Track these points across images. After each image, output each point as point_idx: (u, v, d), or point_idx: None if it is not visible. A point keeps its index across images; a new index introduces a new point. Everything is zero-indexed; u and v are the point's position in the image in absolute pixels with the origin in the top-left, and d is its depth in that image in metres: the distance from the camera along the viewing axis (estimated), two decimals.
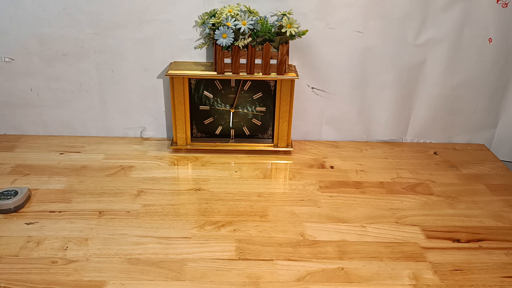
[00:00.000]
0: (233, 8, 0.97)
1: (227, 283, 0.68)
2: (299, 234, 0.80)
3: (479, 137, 1.19)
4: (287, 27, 0.95)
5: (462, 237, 0.81)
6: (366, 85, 1.10)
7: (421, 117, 1.15)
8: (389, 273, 0.71)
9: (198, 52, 1.06)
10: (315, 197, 0.91)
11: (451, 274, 0.72)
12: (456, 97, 1.13)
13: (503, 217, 0.87)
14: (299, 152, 1.10)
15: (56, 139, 1.11)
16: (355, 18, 1.03)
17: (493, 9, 1.03)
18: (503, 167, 1.07)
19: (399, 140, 1.18)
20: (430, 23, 1.04)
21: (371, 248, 0.77)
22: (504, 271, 0.73)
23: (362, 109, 1.13)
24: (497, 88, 1.13)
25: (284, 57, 0.99)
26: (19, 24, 1.01)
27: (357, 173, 1.01)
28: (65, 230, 0.79)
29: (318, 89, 1.11)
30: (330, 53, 1.06)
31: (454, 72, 1.09)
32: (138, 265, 0.71)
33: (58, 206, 0.85)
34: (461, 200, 0.92)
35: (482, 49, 1.07)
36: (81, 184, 0.93)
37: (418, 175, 1.01)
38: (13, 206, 0.82)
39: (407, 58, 1.07)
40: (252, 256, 0.74)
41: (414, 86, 1.12)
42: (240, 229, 0.80)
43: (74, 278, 0.68)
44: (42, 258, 0.72)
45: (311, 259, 0.74)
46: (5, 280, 0.67)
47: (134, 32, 1.03)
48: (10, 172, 0.96)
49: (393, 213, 0.87)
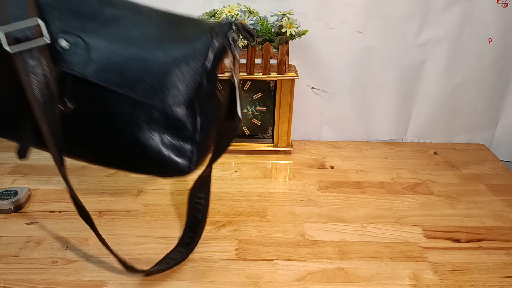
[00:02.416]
0: (233, 8, 0.97)
1: (227, 283, 0.68)
2: (299, 234, 0.80)
3: (479, 137, 1.19)
4: (287, 27, 0.95)
5: (462, 237, 0.81)
6: (366, 85, 1.10)
7: (421, 117, 1.15)
8: (389, 273, 0.71)
9: None
10: (315, 197, 0.91)
11: (451, 274, 0.72)
12: (456, 97, 1.13)
13: (503, 217, 0.87)
14: (299, 152, 1.10)
15: None
16: (355, 18, 1.03)
17: (493, 9, 1.03)
18: (503, 167, 1.07)
19: (399, 140, 1.18)
20: (430, 23, 1.04)
21: (371, 248, 0.77)
22: (504, 271, 0.73)
23: (362, 109, 1.13)
24: (497, 88, 1.13)
25: (284, 57, 0.99)
26: None
27: (357, 173, 1.01)
28: (65, 230, 0.79)
29: (318, 89, 1.11)
30: (330, 53, 1.06)
31: (454, 72, 1.09)
32: (138, 265, 0.71)
33: (58, 206, 0.85)
34: (461, 200, 0.92)
35: (482, 49, 1.07)
36: (81, 184, 0.93)
37: (418, 175, 1.01)
38: (13, 206, 0.82)
39: (407, 58, 1.07)
40: (252, 256, 0.74)
41: (414, 86, 1.12)
42: (240, 229, 0.80)
43: (74, 278, 0.68)
44: (42, 258, 0.72)
45: (311, 259, 0.74)
46: (5, 280, 0.67)
47: None
48: (10, 172, 0.96)
49: (393, 213, 0.87)
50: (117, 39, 0.53)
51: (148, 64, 0.53)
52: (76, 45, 0.52)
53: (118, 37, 0.53)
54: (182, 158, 0.56)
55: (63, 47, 0.52)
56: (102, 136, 0.55)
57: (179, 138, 0.56)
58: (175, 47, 0.54)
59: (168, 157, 0.55)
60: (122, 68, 0.52)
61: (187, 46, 0.54)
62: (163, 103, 0.53)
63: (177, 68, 0.54)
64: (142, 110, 0.53)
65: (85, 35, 0.52)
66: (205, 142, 0.58)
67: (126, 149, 0.55)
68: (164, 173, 0.58)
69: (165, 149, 0.55)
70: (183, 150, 0.56)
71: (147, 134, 0.54)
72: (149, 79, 0.53)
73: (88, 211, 0.84)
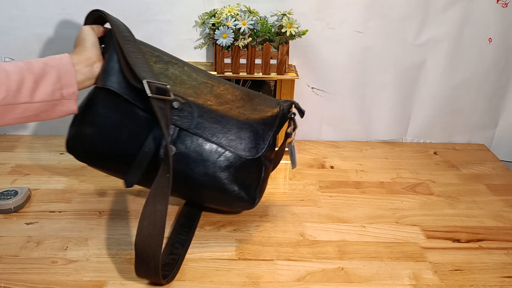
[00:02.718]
0: (233, 8, 0.97)
1: (227, 283, 0.68)
2: (299, 234, 0.80)
3: (479, 137, 1.19)
4: (287, 27, 0.95)
5: (462, 237, 0.81)
6: (366, 85, 1.10)
7: (421, 117, 1.15)
8: (389, 273, 0.71)
9: (198, 52, 1.06)
10: (315, 197, 0.91)
11: (451, 274, 0.72)
12: (456, 97, 1.13)
13: (503, 217, 0.87)
14: (299, 152, 1.10)
15: (56, 139, 1.11)
16: (355, 18, 1.03)
17: (493, 9, 1.03)
18: (503, 167, 1.07)
19: (399, 140, 1.18)
20: (430, 23, 1.04)
21: (371, 248, 0.77)
22: (504, 271, 0.73)
23: (362, 109, 1.13)
24: (497, 88, 1.13)
25: (284, 57, 0.99)
26: (19, 24, 1.01)
27: (357, 173, 1.01)
28: (65, 230, 0.79)
29: (318, 89, 1.11)
30: (330, 53, 1.06)
31: (454, 72, 1.09)
32: None
33: (58, 206, 0.85)
34: (461, 200, 0.92)
35: (482, 49, 1.07)
36: (81, 184, 0.93)
37: (418, 175, 1.01)
38: (13, 206, 0.82)
39: (407, 58, 1.07)
40: (252, 256, 0.74)
41: (414, 86, 1.12)
42: (240, 229, 0.80)
43: (74, 278, 0.68)
44: (42, 258, 0.72)
45: (311, 259, 0.74)
46: (5, 280, 0.67)
47: (134, 32, 1.03)
48: (10, 172, 0.96)
49: (393, 213, 0.87)
50: (211, 102, 0.72)
51: (232, 122, 0.71)
52: (184, 106, 0.70)
53: (211, 101, 0.72)
54: (250, 196, 0.73)
55: (174, 106, 0.69)
56: (193, 176, 0.70)
57: (250, 181, 0.73)
58: (254, 112, 0.74)
59: (238, 192, 0.72)
60: (215, 123, 0.70)
61: (263, 113, 0.74)
62: (245, 154, 0.71)
63: (256, 128, 0.72)
64: (225, 156, 0.70)
65: (190, 98, 0.71)
66: (265, 183, 0.78)
67: (208, 185, 0.71)
68: (232, 205, 0.76)
69: (238, 188, 0.72)
70: (251, 190, 0.74)
71: (227, 175, 0.71)
72: (235, 133, 0.71)
73: (88, 211, 0.84)
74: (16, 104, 0.62)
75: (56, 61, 0.67)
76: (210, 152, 0.70)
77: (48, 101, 0.66)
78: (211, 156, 0.70)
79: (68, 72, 0.67)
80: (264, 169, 0.75)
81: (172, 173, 0.64)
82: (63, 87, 0.66)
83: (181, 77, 0.73)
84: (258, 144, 0.72)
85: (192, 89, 0.72)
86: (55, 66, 0.66)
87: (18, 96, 0.62)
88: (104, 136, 0.70)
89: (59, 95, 0.66)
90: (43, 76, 0.65)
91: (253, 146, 0.72)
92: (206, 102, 0.72)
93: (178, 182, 0.67)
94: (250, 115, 0.73)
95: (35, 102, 0.64)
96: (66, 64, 0.67)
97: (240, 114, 0.73)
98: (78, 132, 0.72)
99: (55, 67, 0.66)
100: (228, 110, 0.73)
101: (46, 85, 0.65)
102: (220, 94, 0.74)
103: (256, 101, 0.77)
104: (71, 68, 0.67)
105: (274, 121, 0.75)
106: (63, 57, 0.68)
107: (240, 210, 0.83)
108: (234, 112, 0.73)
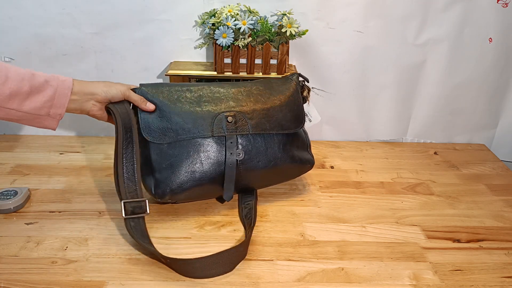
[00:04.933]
0: (233, 8, 0.97)
1: (227, 283, 0.68)
2: (299, 234, 0.80)
3: (479, 137, 1.19)
4: (287, 27, 0.95)
5: (463, 237, 0.81)
6: (366, 85, 1.10)
7: (422, 117, 1.15)
8: (389, 273, 0.71)
9: (198, 52, 1.06)
10: (315, 197, 0.91)
11: (451, 274, 0.72)
12: (457, 97, 1.13)
13: (504, 217, 0.87)
14: None
15: (56, 139, 1.11)
16: (355, 18, 1.03)
17: (493, 9, 1.03)
18: (504, 167, 1.07)
19: (399, 140, 1.18)
20: (430, 23, 1.04)
21: (371, 248, 0.77)
22: (504, 271, 0.73)
23: (362, 109, 1.13)
24: (497, 88, 1.13)
25: (284, 57, 0.99)
26: (19, 24, 1.01)
27: (357, 173, 1.01)
28: (65, 230, 0.78)
29: (318, 89, 1.11)
30: (330, 53, 1.06)
31: (454, 72, 1.09)
32: (138, 265, 0.71)
33: (58, 206, 0.85)
34: (461, 200, 0.92)
35: (482, 49, 1.07)
36: (81, 184, 0.93)
37: (419, 175, 1.01)
38: (13, 206, 0.82)
39: (407, 58, 1.07)
40: (252, 256, 0.74)
41: (414, 86, 1.11)
42: (240, 229, 0.80)
43: (74, 278, 0.68)
44: (42, 258, 0.72)
45: (311, 259, 0.74)
46: (5, 280, 0.67)
47: (134, 32, 1.03)
48: (10, 172, 0.96)
49: (393, 213, 0.87)
50: (251, 104, 0.84)
51: (274, 110, 0.85)
52: (235, 117, 0.81)
53: (250, 102, 0.84)
54: (310, 155, 0.91)
55: (229, 120, 0.80)
56: (262, 165, 0.83)
57: (305, 145, 0.91)
58: (281, 95, 0.87)
59: (309, 158, 0.90)
60: (263, 117, 0.83)
61: (287, 92, 0.88)
62: (295, 126, 0.86)
63: (291, 105, 0.86)
64: (282, 136, 0.84)
65: (237, 109, 0.82)
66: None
67: (280, 164, 0.85)
68: (302, 170, 0.91)
69: (300, 154, 0.88)
70: (308, 150, 0.91)
71: (289, 149, 0.85)
72: (282, 116, 0.85)
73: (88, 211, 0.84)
74: (4, 108, 0.69)
75: (58, 82, 0.73)
76: (270, 140, 0.83)
77: (34, 114, 0.71)
78: (272, 143, 0.83)
79: (63, 96, 0.73)
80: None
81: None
82: (53, 106, 0.72)
83: (214, 95, 0.82)
84: (299, 116, 0.87)
85: (231, 101, 0.82)
86: (55, 86, 0.72)
87: (8, 102, 0.68)
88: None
89: (45, 112, 0.72)
90: (39, 92, 0.71)
91: (296, 119, 0.86)
92: (248, 106, 0.83)
93: (255, 176, 0.83)
94: (281, 97, 0.86)
95: (21, 111, 0.70)
96: (66, 88, 0.73)
97: (276, 100, 0.85)
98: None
99: (54, 87, 0.72)
100: (264, 103, 0.84)
101: (37, 100, 0.71)
102: (251, 94, 0.85)
103: (274, 86, 0.87)
104: (67, 93, 0.73)
105: (297, 94, 0.88)
106: (67, 81, 0.73)
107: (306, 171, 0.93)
108: (269, 102, 0.85)
